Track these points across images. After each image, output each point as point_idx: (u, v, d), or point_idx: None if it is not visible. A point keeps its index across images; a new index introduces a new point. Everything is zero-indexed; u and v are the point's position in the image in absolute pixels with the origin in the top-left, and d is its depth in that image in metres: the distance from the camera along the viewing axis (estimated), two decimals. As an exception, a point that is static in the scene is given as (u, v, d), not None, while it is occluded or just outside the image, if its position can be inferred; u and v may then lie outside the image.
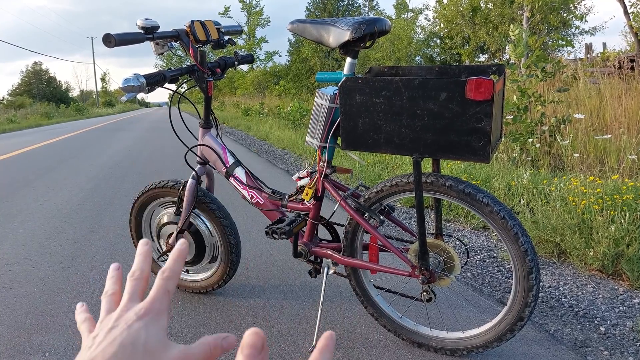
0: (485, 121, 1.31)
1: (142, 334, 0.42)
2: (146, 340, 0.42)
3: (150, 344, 0.42)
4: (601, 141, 4.08)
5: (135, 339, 0.41)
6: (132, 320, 0.43)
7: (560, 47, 15.56)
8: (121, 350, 0.40)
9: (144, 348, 0.41)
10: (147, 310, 0.44)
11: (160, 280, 0.47)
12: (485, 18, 18.52)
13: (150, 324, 0.43)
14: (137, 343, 0.41)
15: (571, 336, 1.85)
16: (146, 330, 0.42)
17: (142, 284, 0.48)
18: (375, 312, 1.83)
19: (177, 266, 0.48)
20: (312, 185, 1.77)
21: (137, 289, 0.47)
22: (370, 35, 1.54)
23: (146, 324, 0.43)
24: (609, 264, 2.33)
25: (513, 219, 1.45)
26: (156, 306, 0.44)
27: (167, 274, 0.47)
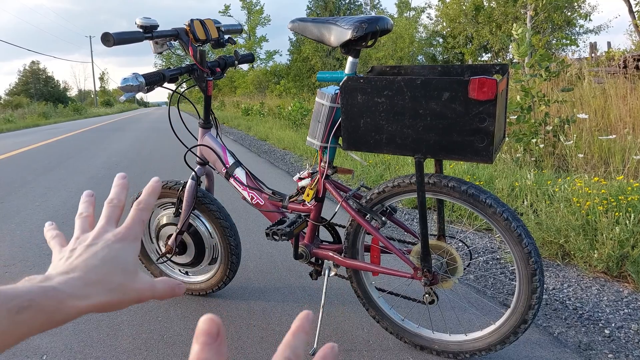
0: (488, 121, 1.31)
1: (121, 254, 0.44)
2: (125, 261, 0.44)
3: (127, 265, 0.44)
4: (606, 141, 4.08)
5: (115, 257, 0.44)
6: (111, 240, 0.45)
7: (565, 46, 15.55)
8: (102, 264, 0.42)
9: (122, 267, 0.43)
10: (124, 234, 0.46)
11: (135, 210, 0.49)
12: (489, 17, 18.53)
13: (127, 247, 0.45)
14: (117, 261, 0.43)
15: (575, 339, 1.85)
16: (124, 252, 0.45)
17: (117, 211, 0.50)
18: (377, 315, 1.83)
19: (151, 199, 0.51)
20: (313, 186, 1.77)
21: (114, 215, 0.50)
22: (372, 34, 1.54)
23: (124, 246, 0.45)
24: (614, 266, 2.33)
25: (516, 220, 1.45)
26: (132, 232, 0.47)
27: (142, 206, 0.50)
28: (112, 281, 0.42)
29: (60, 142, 10.33)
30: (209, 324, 0.33)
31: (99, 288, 0.41)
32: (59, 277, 0.40)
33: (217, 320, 0.33)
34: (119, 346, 1.86)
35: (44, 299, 0.36)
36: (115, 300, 0.42)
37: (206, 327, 0.33)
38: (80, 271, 0.41)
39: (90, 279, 0.41)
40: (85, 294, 0.40)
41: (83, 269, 0.41)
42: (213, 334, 0.33)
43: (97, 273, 0.41)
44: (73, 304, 0.38)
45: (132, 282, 0.44)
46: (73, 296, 0.39)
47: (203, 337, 0.33)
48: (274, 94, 21.19)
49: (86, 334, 1.96)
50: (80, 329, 1.99)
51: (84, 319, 2.07)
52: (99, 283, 0.41)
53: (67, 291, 0.39)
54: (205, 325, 0.33)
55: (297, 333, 0.35)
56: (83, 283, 0.40)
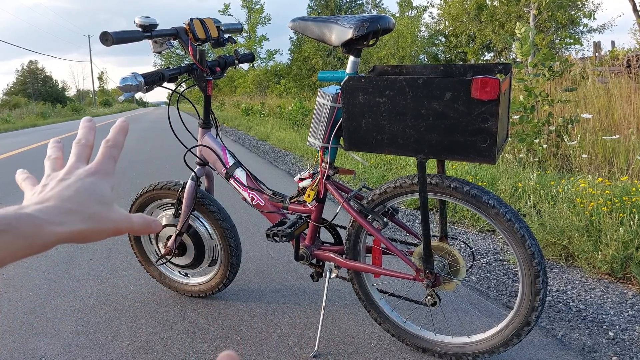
0: (491, 121, 1.31)
1: (95, 187, 0.44)
2: (100, 193, 0.44)
3: (103, 197, 0.44)
4: (610, 141, 4.08)
5: (90, 188, 0.44)
6: (83, 175, 0.45)
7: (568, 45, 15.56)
8: (76, 195, 0.42)
9: (97, 199, 0.43)
10: (96, 169, 0.46)
11: (105, 148, 0.49)
12: (491, 16, 18.53)
13: (100, 181, 0.45)
14: (93, 192, 0.43)
15: (579, 341, 1.85)
16: (98, 185, 0.45)
17: (87, 150, 0.50)
18: (379, 317, 1.83)
19: (119, 137, 0.51)
20: (314, 187, 1.77)
21: (84, 153, 0.50)
22: (374, 34, 1.55)
23: (97, 180, 0.45)
24: (618, 268, 2.33)
25: (519, 222, 1.45)
26: (103, 167, 0.47)
27: (111, 143, 0.50)
28: (87, 210, 0.42)
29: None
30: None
31: (74, 216, 0.41)
32: (33, 206, 0.40)
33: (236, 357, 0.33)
34: (117, 348, 1.86)
35: (21, 224, 0.36)
36: (92, 229, 0.42)
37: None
38: (55, 200, 0.41)
39: (66, 207, 0.41)
40: (61, 221, 0.40)
41: (57, 198, 0.42)
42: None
43: (72, 202, 0.42)
44: (51, 229, 0.38)
45: (108, 213, 0.44)
46: (50, 222, 0.39)
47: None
48: (275, 93, 21.20)
49: (85, 336, 1.96)
50: (78, 331, 1.99)
51: (82, 320, 2.07)
52: (74, 212, 0.41)
53: (43, 217, 0.39)
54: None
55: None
56: (59, 211, 0.40)
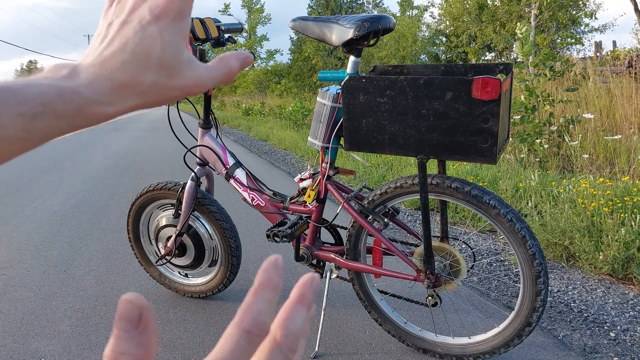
0: (492, 121, 1.31)
1: (157, 43, 0.35)
2: (162, 52, 0.35)
3: (166, 58, 0.36)
4: (611, 142, 4.08)
5: (148, 49, 0.35)
6: (145, 20, 0.35)
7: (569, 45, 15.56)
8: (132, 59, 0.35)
9: (158, 62, 0.35)
10: (163, 10, 0.36)
11: None
12: (492, 15, 18.53)
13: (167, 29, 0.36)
14: (151, 54, 0.35)
15: (580, 342, 1.85)
16: (162, 39, 0.35)
17: None
18: (380, 317, 1.83)
19: None
20: (314, 187, 1.77)
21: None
22: (374, 33, 1.55)
23: (162, 29, 0.36)
24: (619, 268, 2.33)
25: (520, 222, 1.45)
26: (175, 5, 0.36)
27: None
28: (145, 81, 0.35)
29: (58, 143, 10.34)
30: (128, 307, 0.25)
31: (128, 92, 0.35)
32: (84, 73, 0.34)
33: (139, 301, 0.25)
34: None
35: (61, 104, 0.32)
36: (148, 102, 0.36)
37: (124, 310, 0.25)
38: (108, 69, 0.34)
39: (118, 81, 0.34)
40: (110, 101, 0.34)
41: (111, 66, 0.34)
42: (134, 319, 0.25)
43: (126, 72, 0.34)
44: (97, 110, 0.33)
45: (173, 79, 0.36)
46: (97, 102, 0.33)
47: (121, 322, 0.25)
48: (275, 93, 21.22)
49: (85, 337, 1.96)
50: (78, 332, 1.99)
51: (82, 321, 2.08)
52: (128, 87, 0.35)
53: (88, 96, 0.33)
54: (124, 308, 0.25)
55: (260, 291, 0.26)
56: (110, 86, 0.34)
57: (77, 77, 0.33)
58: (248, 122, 12.68)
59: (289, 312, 0.26)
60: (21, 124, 0.30)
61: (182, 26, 0.36)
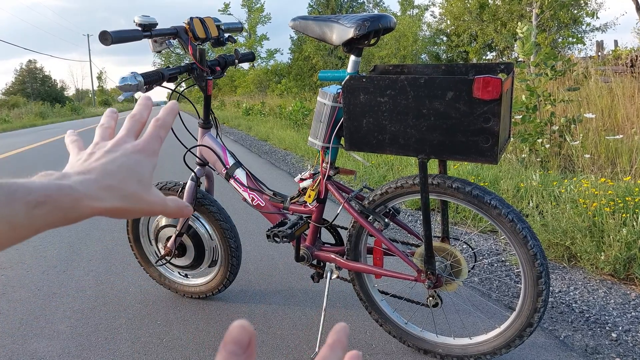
0: (493, 121, 1.31)
1: (138, 165, 0.45)
2: (141, 172, 0.45)
3: (143, 177, 0.45)
4: (613, 141, 4.08)
5: (133, 166, 0.44)
6: (129, 150, 0.46)
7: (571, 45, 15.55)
8: (118, 171, 0.43)
9: (138, 178, 0.44)
10: (143, 146, 0.47)
11: (154, 127, 0.49)
12: (493, 15, 18.53)
13: (144, 160, 0.46)
14: (134, 171, 0.44)
15: (582, 342, 1.85)
16: (141, 164, 0.45)
17: (138, 125, 0.51)
18: (380, 318, 1.83)
19: (169, 118, 0.51)
20: (314, 187, 1.77)
21: (134, 128, 0.50)
22: (375, 33, 1.55)
23: (142, 158, 0.46)
24: (621, 268, 2.33)
25: (522, 222, 1.45)
26: (150, 146, 0.47)
27: (160, 123, 0.50)
28: (127, 189, 0.43)
29: (57, 143, 10.34)
30: (240, 332, 0.29)
31: (113, 193, 0.42)
32: (75, 176, 0.41)
33: (250, 328, 0.30)
34: (117, 350, 1.86)
35: (60, 196, 0.37)
36: (127, 208, 0.43)
37: (237, 335, 0.29)
38: (97, 174, 0.42)
39: (106, 183, 0.42)
40: (99, 197, 0.40)
41: (100, 172, 0.42)
42: (243, 344, 0.29)
43: (113, 178, 0.42)
44: (88, 204, 0.39)
45: (146, 194, 0.44)
46: (88, 197, 0.40)
47: (232, 345, 0.29)
48: (275, 93, 21.20)
49: (84, 337, 1.96)
50: (78, 332, 1.99)
51: (82, 322, 2.08)
52: (113, 188, 0.42)
53: (82, 191, 0.39)
54: (236, 332, 0.29)
55: (334, 347, 0.33)
56: (98, 186, 0.41)
57: (69, 178, 0.40)
58: (248, 121, 12.68)
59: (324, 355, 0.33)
60: (24, 210, 0.35)
61: (153, 161, 0.47)
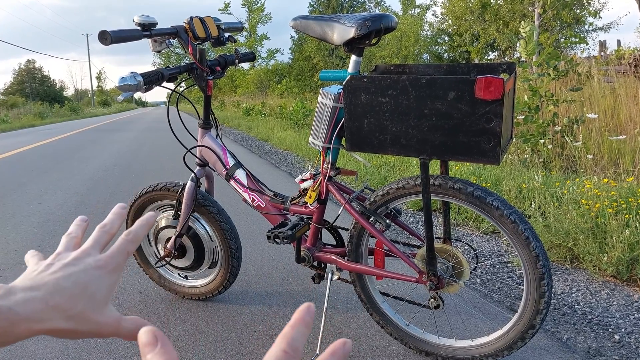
0: (495, 121, 1.31)
1: (96, 282, 0.44)
2: (97, 289, 0.44)
3: (98, 295, 0.44)
4: (615, 142, 4.07)
5: (88, 283, 0.43)
6: (90, 266, 0.45)
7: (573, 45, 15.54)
8: (73, 287, 0.42)
9: (91, 295, 0.43)
10: (105, 262, 0.46)
11: (123, 240, 0.49)
12: (496, 14, 18.53)
13: (105, 276, 0.45)
14: (89, 288, 0.43)
15: (584, 344, 1.85)
16: (100, 280, 0.44)
17: (107, 237, 0.50)
18: (381, 320, 1.83)
19: (141, 231, 0.50)
20: (315, 188, 1.77)
21: (102, 240, 0.49)
22: (376, 32, 1.55)
23: (102, 275, 0.45)
24: (624, 270, 2.33)
25: (524, 223, 1.45)
26: (114, 262, 0.46)
27: (131, 237, 0.49)
28: (74, 307, 0.42)
29: (56, 143, 10.35)
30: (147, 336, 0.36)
31: (58, 313, 0.40)
32: (20, 293, 0.39)
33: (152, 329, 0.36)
34: (116, 352, 1.86)
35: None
36: (72, 329, 0.42)
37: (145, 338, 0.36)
38: (46, 291, 0.41)
39: (53, 302, 0.40)
40: (41, 318, 0.39)
41: (50, 289, 0.41)
42: (152, 342, 0.36)
43: (62, 296, 0.41)
44: (26, 327, 0.38)
45: (96, 314, 0.43)
46: (28, 319, 0.38)
47: (146, 347, 0.35)
48: (276, 93, 21.20)
49: (83, 339, 1.96)
50: (77, 334, 1.99)
51: (81, 323, 2.07)
52: (59, 309, 0.41)
53: (22, 314, 0.38)
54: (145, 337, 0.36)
55: (297, 325, 0.35)
56: (43, 306, 0.40)
57: (12, 297, 0.39)
58: (248, 122, 12.69)
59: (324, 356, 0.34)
60: None
61: (114, 278, 0.46)
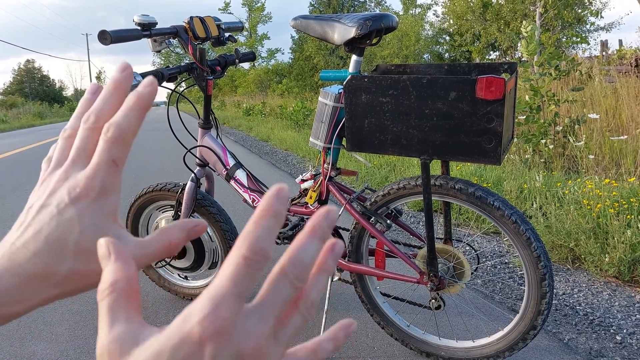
0: (496, 121, 1.31)
1: (75, 227, 0.33)
2: (80, 237, 0.33)
3: (85, 243, 0.33)
4: (617, 142, 4.07)
5: (64, 235, 0.33)
6: (64, 202, 0.33)
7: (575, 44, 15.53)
8: (45, 248, 0.32)
9: (75, 248, 0.33)
10: (83, 189, 0.33)
11: (103, 143, 0.33)
12: (497, 14, 18.52)
13: (86, 211, 0.33)
14: (67, 240, 0.33)
15: (586, 345, 1.84)
16: (80, 222, 0.33)
17: (96, 136, 0.35)
18: (382, 321, 1.83)
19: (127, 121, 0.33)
20: (316, 188, 1.77)
21: (87, 144, 0.35)
22: (377, 32, 1.55)
23: (81, 211, 0.33)
24: (626, 271, 2.32)
25: (525, 224, 1.45)
26: (96, 183, 0.33)
27: (111, 133, 0.33)
28: (59, 271, 0.32)
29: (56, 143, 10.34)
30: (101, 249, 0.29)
31: (39, 285, 0.32)
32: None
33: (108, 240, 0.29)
34: (116, 352, 1.86)
35: None
36: (67, 291, 0.34)
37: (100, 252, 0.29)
38: (17, 262, 0.32)
39: (27, 274, 0.32)
40: (18, 299, 0.32)
41: (21, 258, 0.32)
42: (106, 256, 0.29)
43: (37, 264, 0.32)
44: (3, 311, 0.32)
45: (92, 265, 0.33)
46: (2, 304, 0.32)
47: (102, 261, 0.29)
48: (276, 93, 21.21)
49: (83, 340, 1.96)
50: (76, 335, 1.99)
51: (80, 324, 2.08)
52: (38, 278, 0.32)
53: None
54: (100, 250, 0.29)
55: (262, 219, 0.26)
56: (17, 281, 0.32)
57: None
58: (249, 122, 12.68)
59: (298, 241, 0.27)
60: None
61: (106, 204, 0.33)
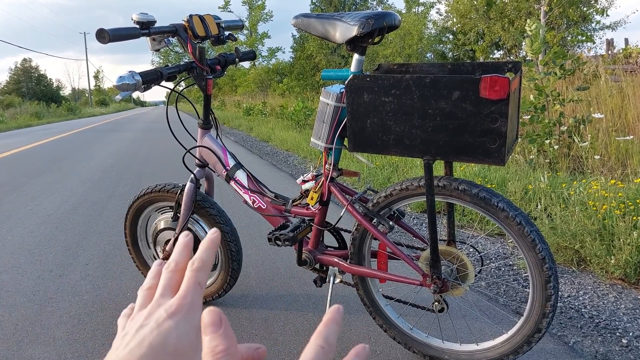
0: (500, 121, 1.31)
1: (172, 334, 0.41)
2: (177, 341, 0.40)
3: (181, 345, 0.41)
4: (623, 142, 4.07)
5: (164, 340, 0.40)
6: (162, 318, 0.41)
7: (580, 43, 15.52)
8: (150, 351, 0.39)
9: (174, 349, 0.40)
10: (178, 306, 0.42)
11: (190, 272, 0.44)
12: (501, 12, 18.49)
13: (182, 322, 0.42)
14: (167, 344, 0.40)
15: (591, 349, 1.84)
16: (177, 330, 0.41)
17: (176, 276, 0.46)
18: (385, 323, 1.83)
19: (207, 256, 0.45)
20: (317, 189, 1.77)
21: (171, 282, 0.46)
22: (379, 31, 1.55)
23: (177, 322, 0.41)
24: (632, 273, 2.32)
25: (530, 225, 1.45)
26: (187, 301, 0.43)
27: (196, 265, 0.45)
28: None
29: (53, 144, 10.36)
30: (212, 315, 0.38)
31: None
32: None
33: (217, 310, 0.39)
34: (114, 356, 1.86)
35: None
36: None
37: (209, 318, 0.38)
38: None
39: None
40: None
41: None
42: (217, 322, 0.38)
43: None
44: None
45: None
46: None
47: (209, 327, 0.38)
48: (277, 93, 21.19)
49: (81, 343, 1.96)
50: (74, 338, 2.00)
51: (78, 327, 2.08)
52: None
53: None
54: (208, 316, 0.38)
55: (329, 324, 0.38)
56: None
57: None
58: (249, 122, 12.69)
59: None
60: None
61: (194, 317, 0.42)
